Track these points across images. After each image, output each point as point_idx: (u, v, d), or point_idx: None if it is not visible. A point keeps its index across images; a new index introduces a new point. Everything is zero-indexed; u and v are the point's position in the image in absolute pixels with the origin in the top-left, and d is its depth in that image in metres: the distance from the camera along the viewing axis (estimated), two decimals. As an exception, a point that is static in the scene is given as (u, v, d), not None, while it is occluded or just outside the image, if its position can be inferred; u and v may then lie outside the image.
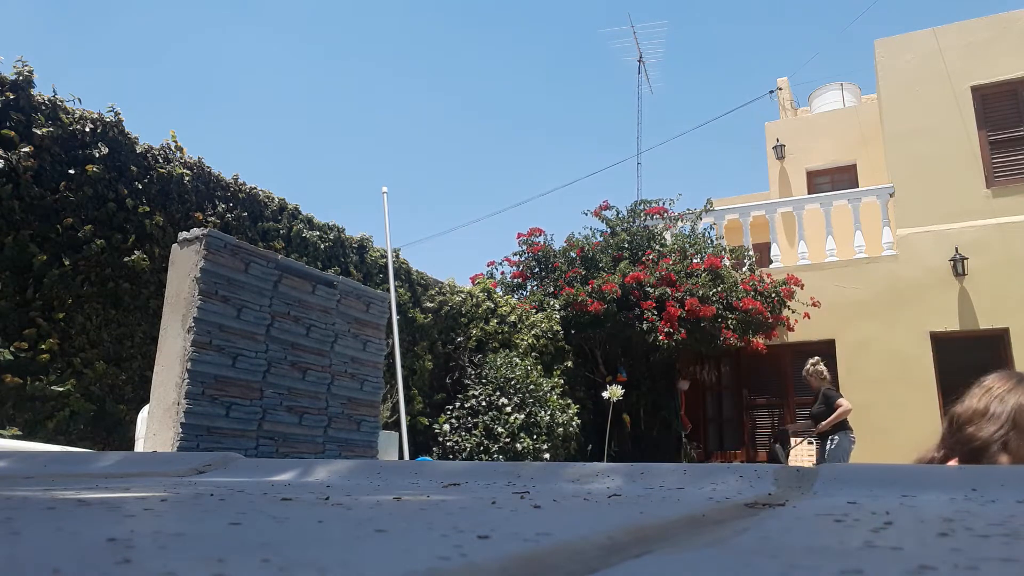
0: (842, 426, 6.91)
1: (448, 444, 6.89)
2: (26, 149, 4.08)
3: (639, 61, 14.38)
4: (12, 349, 3.88)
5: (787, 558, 0.42)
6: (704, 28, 39.38)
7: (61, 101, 4.42)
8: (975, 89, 9.38)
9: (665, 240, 9.85)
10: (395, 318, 6.07)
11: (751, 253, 9.79)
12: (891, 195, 9.47)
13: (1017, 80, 9.24)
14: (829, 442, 6.87)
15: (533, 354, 8.19)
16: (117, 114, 4.70)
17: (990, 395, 1.49)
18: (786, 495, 0.79)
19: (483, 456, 6.72)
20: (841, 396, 7.04)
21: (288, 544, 0.45)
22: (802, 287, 9.10)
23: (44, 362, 4.01)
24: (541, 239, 10.12)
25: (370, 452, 4.76)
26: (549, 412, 7.32)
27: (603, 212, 10.28)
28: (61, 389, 4.04)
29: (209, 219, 5.12)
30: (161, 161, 4.94)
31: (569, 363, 8.77)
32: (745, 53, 41.71)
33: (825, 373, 7.15)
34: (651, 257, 9.26)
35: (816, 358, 7.30)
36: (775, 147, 12.62)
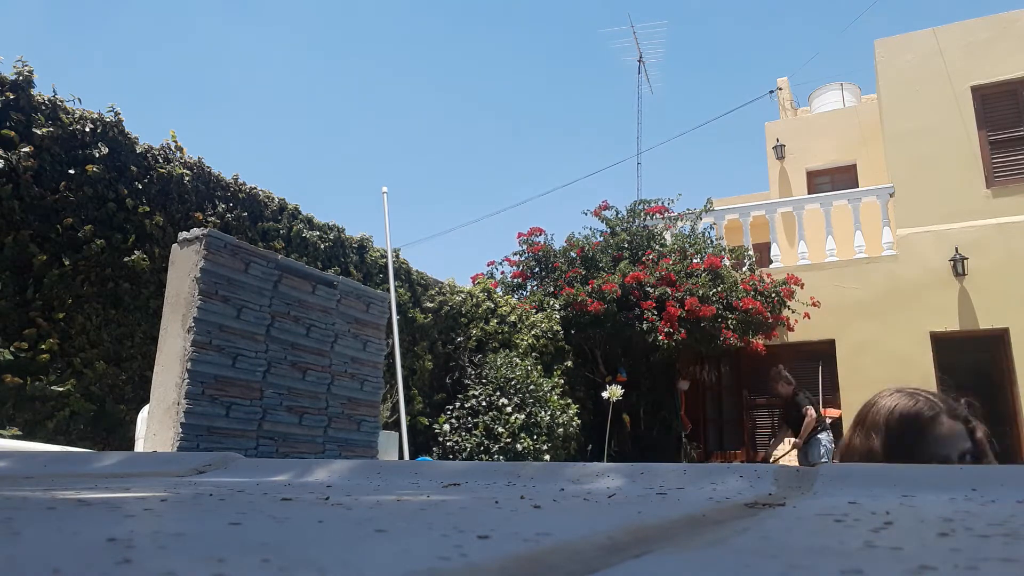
0: (819, 429, 6.93)
1: (448, 444, 6.89)
2: (26, 149, 4.08)
3: (639, 61, 14.39)
4: (12, 349, 3.88)
5: (787, 558, 0.42)
6: (704, 28, 39.41)
7: (61, 101, 4.42)
8: (975, 89, 9.38)
9: (665, 240, 9.85)
10: (395, 318, 6.07)
11: (751, 253, 9.78)
12: (891, 195, 9.47)
13: (1017, 80, 9.24)
14: (813, 444, 6.89)
15: (533, 354, 8.19)
16: (117, 114, 4.70)
17: (855, 424, 1.39)
18: (786, 495, 0.79)
19: (483, 456, 6.72)
20: (809, 404, 7.03)
21: (288, 544, 0.45)
22: (802, 287, 9.09)
23: (44, 362, 4.01)
24: (541, 239, 10.11)
25: (370, 452, 4.76)
26: (549, 412, 7.32)
27: (603, 212, 10.28)
28: (61, 389, 4.04)
29: (209, 219, 5.12)
30: (161, 161, 4.94)
31: (569, 363, 8.77)
32: (745, 53, 41.73)
33: (791, 377, 7.19)
34: (651, 257, 9.26)
35: (779, 366, 7.37)
36: (775, 147, 12.61)
